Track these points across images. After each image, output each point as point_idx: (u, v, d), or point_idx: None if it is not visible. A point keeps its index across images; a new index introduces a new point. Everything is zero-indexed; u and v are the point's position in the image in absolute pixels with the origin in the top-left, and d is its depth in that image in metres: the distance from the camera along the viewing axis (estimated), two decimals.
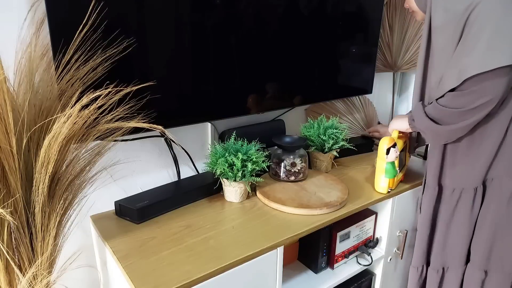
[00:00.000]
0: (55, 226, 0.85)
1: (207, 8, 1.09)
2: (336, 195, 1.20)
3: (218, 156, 1.15)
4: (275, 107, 1.38)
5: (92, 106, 0.82)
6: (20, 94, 0.84)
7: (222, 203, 1.18)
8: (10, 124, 0.76)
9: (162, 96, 1.06)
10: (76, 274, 1.16)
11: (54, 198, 0.85)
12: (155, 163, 1.25)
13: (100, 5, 0.90)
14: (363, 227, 1.34)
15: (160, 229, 1.03)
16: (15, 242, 0.83)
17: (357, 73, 1.57)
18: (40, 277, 0.86)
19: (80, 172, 0.93)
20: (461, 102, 0.99)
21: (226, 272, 0.90)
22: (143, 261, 0.90)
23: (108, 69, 0.93)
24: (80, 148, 0.90)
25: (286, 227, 1.05)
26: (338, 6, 1.39)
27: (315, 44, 1.38)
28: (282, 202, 1.14)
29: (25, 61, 0.87)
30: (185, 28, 1.07)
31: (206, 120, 1.24)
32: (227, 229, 1.03)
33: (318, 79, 1.45)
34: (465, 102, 0.98)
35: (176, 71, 1.08)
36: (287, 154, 1.29)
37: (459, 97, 0.99)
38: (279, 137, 1.34)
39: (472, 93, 0.96)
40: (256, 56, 1.24)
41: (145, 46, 1.00)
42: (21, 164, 0.80)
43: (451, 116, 1.02)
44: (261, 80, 1.28)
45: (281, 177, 1.30)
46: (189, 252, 0.94)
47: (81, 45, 0.88)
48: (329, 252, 1.28)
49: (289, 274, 1.27)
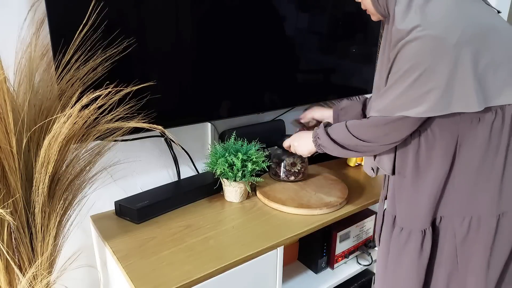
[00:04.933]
0: (55, 226, 0.85)
1: (207, 8, 1.09)
2: (336, 195, 1.20)
3: (218, 156, 1.15)
4: (275, 107, 1.38)
5: (92, 106, 0.82)
6: (20, 94, 0.84)
7: (222, 203, 1.17)
8: (10, 124, 0.76)
9: (162, 96, 1.06)
10: (76, 274, 1.16)
11: (54, 198, 0.85)
12: (155, 163, 1.25)
13: (100, 5, 0.89)
14: (363, 227, 1.34)
15: (160, 229, 1.03)
16: (15, 242, 0.83)
17: (357, 73, 1.57)
18: (40, 277, 0.86)
19: (80, 172, 0.93)
20: (368, 135, 0.95)
21: (226, 272, 0.90)
22: (143, 261, 0.90)
23: (108, 69, 0.93)
24: (80, 148, 0.90)
25: (286, 227, 1.05)
26: (338, 6, 1.39)
27: (315, 44, 1.38)
28: (282, 202, 1.14)
29: (25, 61, 0.87)
30: (185, 28, 1.07)
31: (206, 120, 1.24)
32: (227, 229, 1.03)
33: (318, 79, 1.45)
34: (370, 136, 0.94)
35: (176, 71, 1.08)
36: (287, 154, 1.28)
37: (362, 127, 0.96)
38: (279, 137, 1.34)
39: (378, 129, 0.92)
40: (256, 56, 1.23)
41: (145, 46, 1.00)
42: (21, 164, 0.80)
43: (354, 144, 0.98)
44: (261, 80, 1.28)
45: (281, 177, 1.29)
46: (189, 252, 0.94)
47: (81, 45, 0.88)
48: (329, 252, 1.28)
49: (289, 274, 1.27)
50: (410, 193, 0.95)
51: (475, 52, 0.79)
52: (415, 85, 0.81)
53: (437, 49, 0.78)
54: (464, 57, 0.79)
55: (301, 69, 1.38)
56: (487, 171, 0.87)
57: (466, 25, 0.79)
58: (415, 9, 0.81)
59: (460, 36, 0.78)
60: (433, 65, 0.79)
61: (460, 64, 0.79)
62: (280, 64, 1.31)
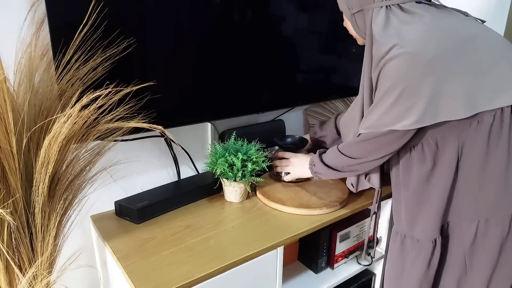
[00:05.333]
0: (55, 226, 0.85)
1: (207, 8, 1.09)
2: (336, 195, 1.20)
3: (218, 156, 1.15)
4: (275, 107, 1.38)
5: (92, 106, 0.82)
6: (20, 94, 0.84)
7: (222, 203, 1.17)
8: (10, 124, 0.76)
9: (162, 96, 1.06)
10: (76, 274, 1.16)
11: (54, 198, 0.85)
12: (155, 163, 1.25)
13: (100, 5, 0.89)
14: (363, 227, 1.34)
15: (160, 229, 1.03)
16: (15, 242, 0.83)
17: (357, 73, 1.56)
18: (40, 277, 0.86)
19: (80, 172, 0.93)
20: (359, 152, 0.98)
21: (226, 272, 0.90)
22: (143, 261, 0.90)
23: (108, 69, 0.93)
24: (80, 148, 0.90)
25: (286, 227, 1.05)
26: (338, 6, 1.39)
27: (315, 44, 1.38)
28: (282, 202, 1.14)
29: (25, 61, 0.87)
30: (185, 28, 1.07)
31: (206, 120, 1.24)
32: (227, 229, 1.03)
33: (318, 79, 1.45)
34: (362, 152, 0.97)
35: (176, 71, 1.08)
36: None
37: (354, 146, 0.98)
38: (280, 137, 1.34)
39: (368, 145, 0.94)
40: (256, 56, 1.23)
41: (145, 46, 1.00)
42: (21, 164, 0.80)
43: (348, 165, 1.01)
44: (261, 80, 1.28)
45: (282, 177, 1.29)
46: (189, 252, 0.94)
47: (81, 45, 0.88)
48: (329, 252, 1.28)
49: (289, 274, 1.27)
50: (417, 205, 0.95)
51: (454, 61, 0.81)
52: (399, 102, 0.83)
53: (415, 64, 0.81)
54: (444, 68, 0.81)
55: (301, 69, 1.38)
56: (489, 173, 0.88)
57: (441, 38, 0.82)
58: (392, 30, 0.84)
59: (435, 49, 0.80)
60: (413, 81, 0.81)
61: (440, 75, 0.81)
62: (280, 64, 1.31)
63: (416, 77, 0.81)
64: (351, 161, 1.00)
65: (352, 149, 0.99)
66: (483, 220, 0.90)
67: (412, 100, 0.82)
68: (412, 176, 0.94)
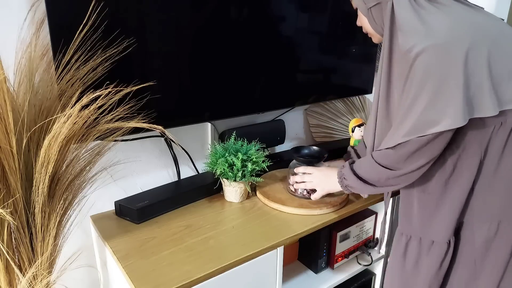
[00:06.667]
0: (55, 226, 0.85)
1: (207, 8, 1.09)
2: (336, 195, 1.20)
3: (218, 156, 1.15)
4: (275, 107, 1.38)
5: (92, 106, 0.82)
6: (20, 94, 0.84)
7: (222, 203, 1.17)
8: (10, 124, 0.76)
9: (162, 96, 1.06)
10: (76, 274, 1.16)
11: (54, 198, 0.85)
12: (155, 163, 1.25)
13: (100, 5, 0.89)
14: (363, 227, 1.34)
15: (160, 229, 1.03)
16: (15, 242, 0.83)
17: (357, 73, 1.57)
18: (40, 277, 0.86)
19: (80, 172, 0.93)
20: (400, 162, 0.88)
21: (226, 272, 0.90)
22: (143, 261, 0.90)
23: (108, 69, 0.93)
24: (80, 148, 0.90)
25: (286, 227, 1.05)
26: (338, 6, 1.39)
27: (315, 44, 1.38)
28: (282, 202, 1.14)
29: (25, 61, 0.87)
30: (185, 28, 1.07)
31: (206, 120, 1.24)
32: (227, 229, 1.03)
33: (318, 79, 1.45)
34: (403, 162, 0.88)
35: (176, 71, 1.08)
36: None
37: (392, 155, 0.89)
38: (295, 150, 1.22)
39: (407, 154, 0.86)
40: (256, 55, 1.23)
41: (145, 46, 1.00)
42: (21, 164, 0.80)
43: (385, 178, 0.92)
44: (261, 80, 1.28)
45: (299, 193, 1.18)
46: (189, 252, 0.94)
47: (81, 45, 0.88)
48: (329, 252, 1.28)
49: (289, 274, 1.27)
50: (435, 207, 0.93)
51: (488, 55, 0.79)
52: (436, 98, 0.79)
53: (447, 57, 0.77)
54: (477, 60, 0.78)
55: (301, 69, 1.38)
56: (503, 173, 0.86)
57: (469, 31, 0.79)
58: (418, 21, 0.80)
59: (470, 41, 0.77)
60: (446, 76, 0.77)
61: (473, 68, 0.78)
62: (280, 64, 1.31)
63: (448, 71, 0.77)
64: (389, 173, 0.90)
65: (391, 158, 0.89)
66: (496, 222, 0.88)
67: (448, 94, 0.78)
68: (430, 179, 0.91)
